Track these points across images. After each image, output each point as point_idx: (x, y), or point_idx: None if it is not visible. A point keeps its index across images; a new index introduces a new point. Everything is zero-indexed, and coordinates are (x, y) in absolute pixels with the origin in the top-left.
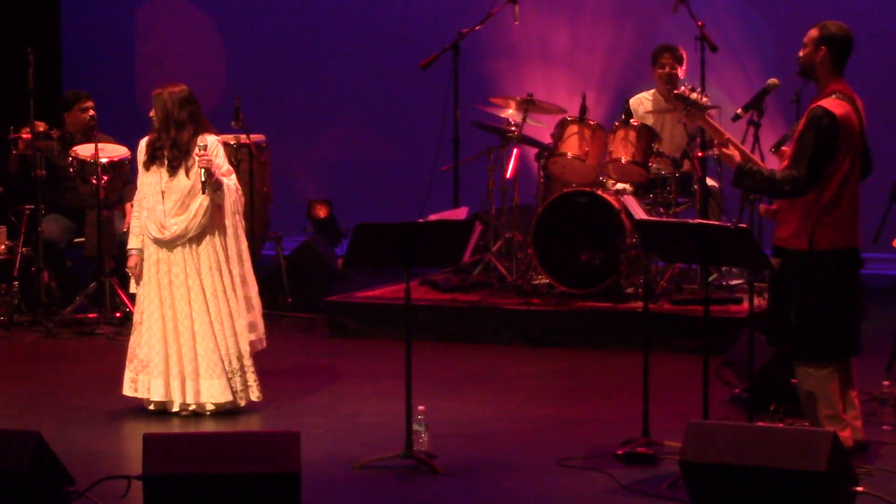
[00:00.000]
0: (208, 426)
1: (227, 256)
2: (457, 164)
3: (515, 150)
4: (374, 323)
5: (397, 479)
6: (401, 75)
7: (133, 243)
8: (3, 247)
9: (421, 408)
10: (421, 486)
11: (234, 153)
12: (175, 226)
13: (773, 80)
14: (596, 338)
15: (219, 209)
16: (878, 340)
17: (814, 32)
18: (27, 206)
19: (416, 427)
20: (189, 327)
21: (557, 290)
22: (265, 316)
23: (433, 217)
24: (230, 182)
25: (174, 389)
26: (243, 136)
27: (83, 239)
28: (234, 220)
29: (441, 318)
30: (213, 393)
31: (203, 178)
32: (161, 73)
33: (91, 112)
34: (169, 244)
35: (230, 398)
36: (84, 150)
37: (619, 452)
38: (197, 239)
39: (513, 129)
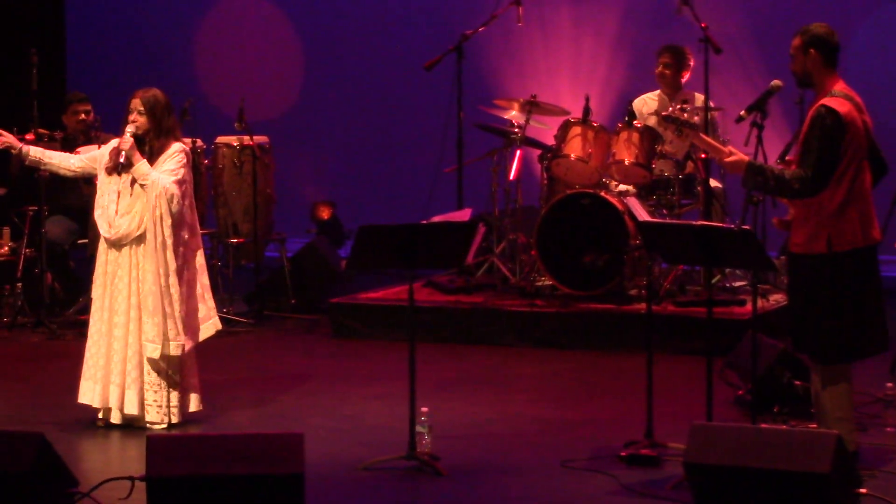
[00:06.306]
0: (210, 428)
1: (165, 262)
2: (460, 166)
3: (519, 152)
4: (378, 324)
5: (401, 480)
6: (404, 77)
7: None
8: (6, 248)
9: (424, 409)
10: (424, 487)
11: (237, 155)
12: (122, 224)
13: (776, 82)
14: (599, 339)
15: (167, 213)
16: None
17: (796, 41)
18: (30, 208)
19: (419, 429)
20: (125, 333)
21: (561, 291)
22: (266, 317)
23: (437, 218)
24: (164, 180)
25: (112, 396)
26: (247, 138)
27: (86, 240)
28: (153, 216)
29: (445, 319)
30: (131, 404)
31: (122, 161)
32: (166, 74)
33: (81, 115)
34: (116, 244)
35: (136, 412)
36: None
37: (623, 454)
38: (142, 241)
39: (516, 130)
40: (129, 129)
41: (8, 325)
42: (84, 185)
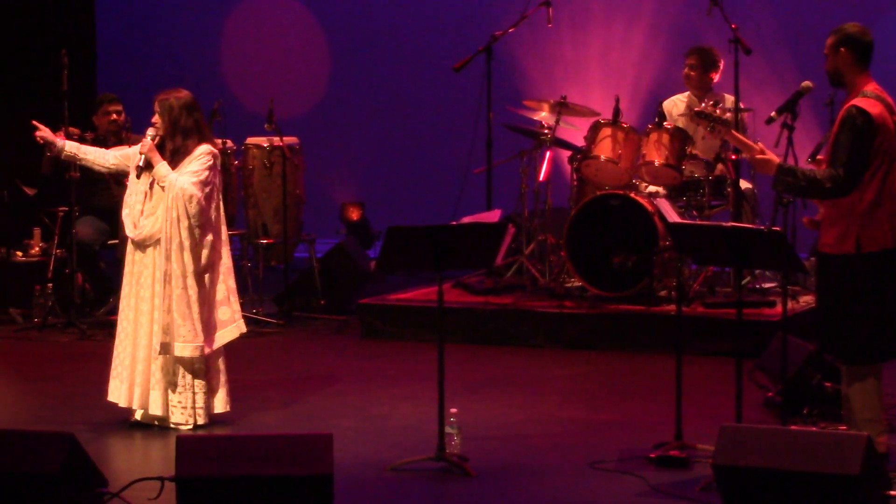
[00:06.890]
0: (239, 429)
1: (183, 263)
2: (490, 167)
3: (548, 153)
4: (407, 325)
5: (429, 481)
6: (434, 78)
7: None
8: (37, 248)
9: (453, 410)
10: (453, 488)
11: (267, 156)
12: (146, 225)
13: (807, 83)
14: (629, 341)
15: (184, 215)
16: None
17: (830, 39)
18: (61, 208)
19: (448, 429)
20: (149, 332)
21: (590, 292)
22: (295, 317)
23: (466, 219)
24: (182, 182)
25: (135, 397)
26: (276, 139)
27: (117, 241)
28: (170, 218)
29: (474, 320)
30: (156, 405)
31: (141, 164)
32: (196, 74)
33: (113, 116)
34: (141, 245)
35: (161, 413)
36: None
37: (652, 455)
38: (166, 244)
39: (546, 131)
40: (150, 131)
41: (39, 325)
42: (114, 186)
